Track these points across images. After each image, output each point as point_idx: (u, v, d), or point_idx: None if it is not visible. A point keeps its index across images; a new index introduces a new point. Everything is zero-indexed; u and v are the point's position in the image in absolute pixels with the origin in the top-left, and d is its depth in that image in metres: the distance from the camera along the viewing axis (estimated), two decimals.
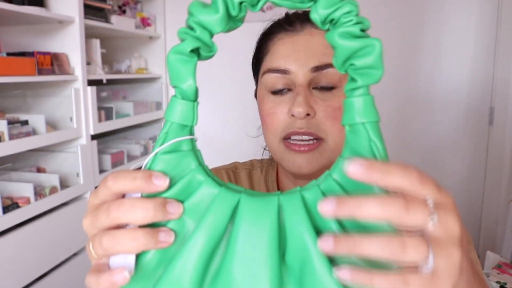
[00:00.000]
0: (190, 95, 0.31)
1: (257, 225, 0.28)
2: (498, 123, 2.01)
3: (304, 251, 0.27)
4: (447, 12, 2.02)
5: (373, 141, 0.28)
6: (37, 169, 1.66)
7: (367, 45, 0.28)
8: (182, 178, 0.30)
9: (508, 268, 1.40)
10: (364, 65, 0.28)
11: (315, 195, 0.28)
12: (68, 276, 1.60)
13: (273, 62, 0.54)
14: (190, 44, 0.30)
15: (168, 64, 0.30)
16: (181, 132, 0.31)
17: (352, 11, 0.29)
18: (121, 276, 0.28)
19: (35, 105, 1.64)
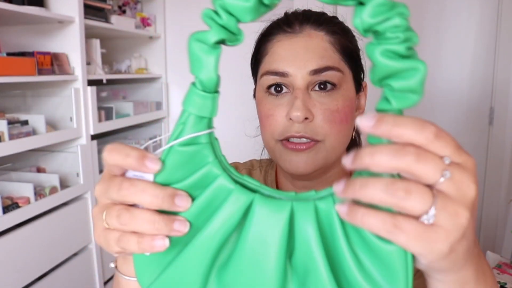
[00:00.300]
0: (211, 87, 0.29)
1: (268, 226, 0.28)
2: (498, 123, 2.01)
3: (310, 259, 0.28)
4: (447, 12, 2.02)
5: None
6: (37, 169, 1.66)
7: (411, 68, 0.26)
8: (198, 170, 0.30)
9: (508, 268, 1.40)
10: (403, 88, 0.26)
11: (328, 206, 0.28)
12: (68, 276, 1.60)
13: (271, 64, 0.54)
14: (216, 35, 0.28)
15: (189, 50, 0.29)
16: (199, 123, 0.30)
17: (402, 25, 0.25)
18: (161, 242, 0.29)
19: (35, 105, 1.64)
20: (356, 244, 0.28)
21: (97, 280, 1.77)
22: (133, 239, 0.29)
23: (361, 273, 0.28)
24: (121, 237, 0.29)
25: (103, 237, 0.30)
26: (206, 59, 0.28)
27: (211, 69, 0.28)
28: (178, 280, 0.30)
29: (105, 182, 0.30)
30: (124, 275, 0.38)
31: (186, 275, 0.30)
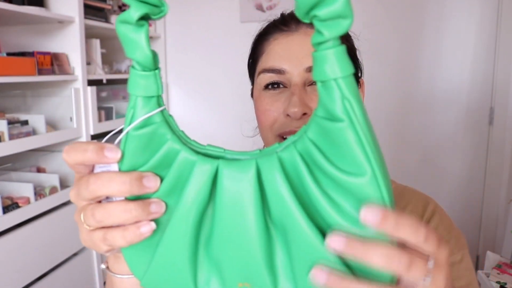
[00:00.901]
0: (149, 64, 0.28)
1: (238, 189, 0.28)
2: (498, 123, 2.01)
3: (286, 210, 0.28)
4: (448, 12, 2.02)
5: (346, 99, 0.25)
6: (37, 169, 1.66)
7: None
8: (158, 150, 0.30)
9: (508, 268, 1.40)
10: (331, 15, 0.24)
11: (291, 156, 0.28)
12: (68, 276, 1.60)
13: (268, 62, 0.55)
14: (136, 11, 0.26)
15: (118, 34, 0.28)
16: (148, 104, 0.29)
17: None
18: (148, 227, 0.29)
19: (35, 105, 1.64)
20: (326, 186, 0.28)
21: (97, 280, 1.77)
22: (118, 234, 0.29)
23: (338, 213, 0.27)
24: (105, 235, 0.29)
25: (88, 239, 0.30)
26: (136, 38, 0.27)
27: (144, 46, 0.27)
28: (168, 262, 0.30)
29: (75, 184, 0.30)
30: (117, 274, 0.38)
31: (175, 256, 0.30)
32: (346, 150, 0.26)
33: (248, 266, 0.30)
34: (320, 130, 0.27)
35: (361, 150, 0.26)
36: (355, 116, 0.25)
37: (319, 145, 0.27)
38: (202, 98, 2.33)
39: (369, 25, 2.07)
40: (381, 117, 2.11)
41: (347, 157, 0.26)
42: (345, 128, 0.25)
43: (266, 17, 0.61)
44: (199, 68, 2.29)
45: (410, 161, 2.14)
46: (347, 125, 0.25)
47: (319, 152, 0.27)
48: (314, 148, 0.27)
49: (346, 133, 0.26)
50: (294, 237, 0.28)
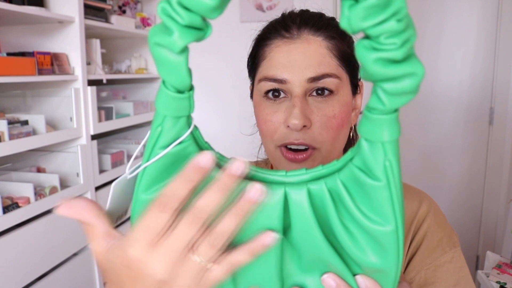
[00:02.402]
0: (185, 88, 0.27)
1: (264, 212, 0.29)
2: (498, 123, 2.01)
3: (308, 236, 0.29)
4: (447, 12, 2.02)
5: (388, 160, 0.27)
6: (37, 169, 1.66)
7: (408, 73, 0.23)
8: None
9: (508, 268, 1.40)
10: (398, 92, 0.24)
11: (320, 190, 0.29)
12: (68, 276, 1.60)
13: (269, 71, 0.54)
14: (182, 40, 0.24)
15: (153, 55, 0.25)
16: (177, 123, 0.28)
17: (399, 30, 0.22)
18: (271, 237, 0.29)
19: (35, 105, 1.64)
20: (349, 222, 0.29)
21: (97, 280, 1.77)
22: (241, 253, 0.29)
23: (355, 246, 0.29)
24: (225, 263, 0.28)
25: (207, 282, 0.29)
26: (176, 64, 0.25)
27: (184, 73, 0.26)
28: None
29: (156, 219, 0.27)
30: None
31: None
32: (376, 203, 0.28)
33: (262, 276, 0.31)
34: (353, 178, 0.28)
35: (391, 207, 0.27)
36: (393, 178, 0.27)
37: (349, 189, 0.29)
38: (202, 98, 2.33)
39: None
40: None
41: (376, 208, 0.28)
42: (381, 187, 0.27)
43: (266, 17, 0.61)
44: (199, 68, 2.29)
45: (410, 161, 2.14)
46: (384, 185, 0.27)
47: (349, 195, 0.28)
48: (344, 190, 0.29)
49: (381, 191, 0.27)
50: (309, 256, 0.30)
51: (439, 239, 0.56)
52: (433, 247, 0.56)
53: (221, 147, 1.53)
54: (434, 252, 0.56)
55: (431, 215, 0.58)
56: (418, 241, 0.57)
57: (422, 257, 0.56)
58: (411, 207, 0.59)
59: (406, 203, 0.59)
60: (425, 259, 0.55)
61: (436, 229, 0.57)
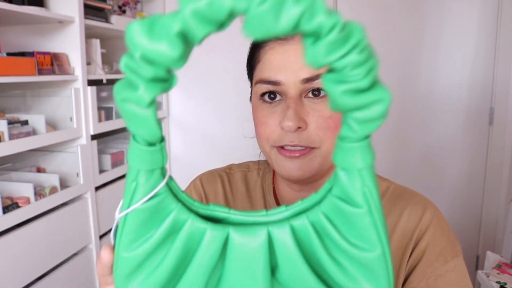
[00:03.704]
0: (156, 140, 0.27)
1: (249, 255, 0.29)
2: (498, 123, 2.01)
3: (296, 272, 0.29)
4: (448, 12, 2.02)
5: (367, 186, 0.27)
6: (37, 169, 1.66)
7: (375, 100, 0.24)
8: (164, 220, 0.29)
9: (508, 268, 1.40)
10: (367, 119, 0.25)
11: (303, 225, 0.29)
12: (68, 276, 1.60)
13: (264, 73, 0.54)
14: (147, 93, 0.24)
15: (121, 110, 0.25)
16: (152, 176, 0.28)
17: (361, 60, 0.23)
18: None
19: (35, 105, 1.64)
20: (336, 254, 0.29)
21: (97, 280, 1.77)
22: None
23: (346, 278, 0.29)
24: None
25: None
26: (144, 117, 0.25)
27: (152, 124, 0.25)
28: None
29: None
30: None
31: None
32: (360, 230, 0.28)
33: None
34: (335, 208, 0.29)
35: (375, 232, 0.28)
36: (373, 203, 0.27)
37: (332, 220, 0.29)
38: (202, 98, 2.33)
39: (369, 25, 2.07)
40: None
41: (361, 235, 0.28)
42: (363, 214, 0.27)
43: None
44: (199, 68, 2.29)
45: (410, 161, 2.14)
46: (366, 211, 0.27)
47: (332, 226, 0.29)
48: (327, 222, 0.29)
49: (364, 218, 0.27)
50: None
51: (442, 248, 0.56)
52: (435, 256, 0.55)
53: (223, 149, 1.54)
54: (436, 261, 0.55)
55: (435, 224, 0.57)
56: (420, 250, 0.56)
57: (424, 267, 0.55)
58: (415, 214, 0.58)
59: (409, 210, 0.58)
60: (426, 269, 0.55)
61: (439, 238, 0.56)
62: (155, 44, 0.22)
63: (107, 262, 0.32)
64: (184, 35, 0.22)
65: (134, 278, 0.30)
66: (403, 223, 0.57)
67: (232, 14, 0.22)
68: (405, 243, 0.56)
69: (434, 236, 0.56)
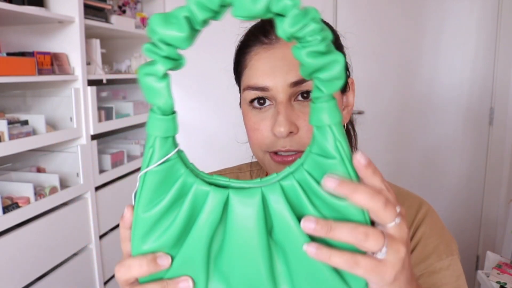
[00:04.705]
0: (169, 110, 0.33)
1: (246, 213, 0.34)
2: (498, 123, 2.01)
3: (287, 229, 0.33)
4: (448, 12, 2.02)
5: (338, 140, 0.33)
6: (37, 169, 1.66)
7: (332, 61, 0.31)
8: (175, 183, 0.34)
9: (508, 268, 1.40)
10: (329, 78, 0.31)
11: (291, 184, 0.34)
12: (68, 276, 1.60)
13: (251, 79, 0.54)
14: (162, 66, 0.31)
15: (141, 85, 0.32)
16: (166, 143, 0.34)
17: (317, 28, 0.30)
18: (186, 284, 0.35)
19: (35, 105, 1.64)
20: (320, 206, 0.33)
21: (97, 280, 1.77)
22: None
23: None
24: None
25: None
26: (160, 87, 0.32)
27: (166, 95, 0.32)
28: (183, 274, 0.36)
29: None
30: None
31: (189, 269, 0.35)
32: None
33: (253, 278, 0.35)
34: (315, 164, 0.34)
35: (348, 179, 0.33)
36: (344, 154, 0.33)
37: (314, 175, 0.34)
38: (202, 99, 2.33)
39: (369, 25, 2.07)
40: (381, 117, 2.11)
41: None
42: (336, 163, 0.32)
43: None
44: (199, 68, 2.29)
45: (410, 161, 2.14)
46: (339, 161, 0.32)
47: (315, 181, 0.33)
48: (310, 178, 0.33)
49: (337, 167, 0.32)
50: (293, 251, 0.34)
51: (435, 246, 0.56)
52: (428, 253, 0.55)
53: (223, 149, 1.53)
54: (428, 258, 0.55)
55: (427, 221, 0.57)
56: (411, 246, 0.56)
57: (414, 263, 0.55)
58: (410, 214, 0.58)
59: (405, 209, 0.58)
60: (418, 264, 0.55)
61: (432, 236, 0.56)
62: (168, 29, 0.30)
63: (127, 220, 0.35)
64: (189, 19, 0.30)
65: (149, 237, 0.35)
66: None
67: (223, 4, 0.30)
68: None
69: (426, 232, 0.57)
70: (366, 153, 0.34)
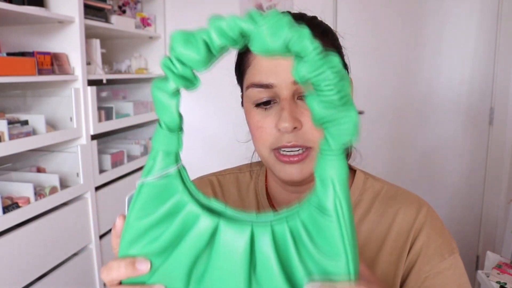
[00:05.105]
0: (175, 127, 0.33)
1: (233, 247, 0.33)
2: (498, 123, 2.01)
3: (270, 272, 0.33)
4: (447, 12, 2.02)
5: (338, 198, 0.31)
6: (37, 169, 1.66)
7: (344, 116, 0.29)
8: (169, 199, 0.34)
9: (508, 268, 1.40)
10: (339, 133, 0.30)
11: (282, 230, 0.33)
12: (68, 276, 1.60)
13: (255, 77, 0.54)
14: (174, 84, 0.31)
15: (153, 97, 0.32)
16: (168, 158, 0.34)
17: (334, 78, 0.28)
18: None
19: (35, 105, 1.64)
20: (307, 260, 0.33)
21: (97, 280, 1.77)
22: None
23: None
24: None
25: None
26: (168, 104, 0.32)
27: (174, 112, 0.32)
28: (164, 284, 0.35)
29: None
30: None
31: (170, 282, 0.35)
32: (329, 238, 0.31)
33: None
34: (311, 216, 0.32)
35: (341, 242, 0.31)
36: (342, 214, 0.31)
37: (308, 227, 0.33)
38: (202, 100, 2.33)
39: (369, 25, 2.07)
40: (381, 117, 2.11)
41: (328, 243, 0.32)
42: (332, 223, 0.31)
43: None
44: None
45: (410, 161, 2.14)
46: (335, 221, 0.31)
47: (307, 234, 0.32)
48: (302, 229, 0.33)
49: (332, 227, 0.31)
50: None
51: (437, 246, 0.56)
52: (432, 254, 0.56)
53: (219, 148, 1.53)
54: (432, 259, 0.55)
55: (429, 223, 0.58)
56: (416, 251, 0.56)
57: (420, 266, 0.55)
58: (409, 214, 0.58)
59: (404, 211, 0.59)
60: (423, 267, 0.55)
61: (434, 237, 0.57)
62: (185, 49, 0.30)
63: (119, 229, 0.36)
64: (207, 44, 0.30)
65: (137, 243, 0.35)
66: (398, 224, 0.58)
67: (243, 35, 0.29)
68: (401, 243, 0.57)
69: (429, 235, 0.57)
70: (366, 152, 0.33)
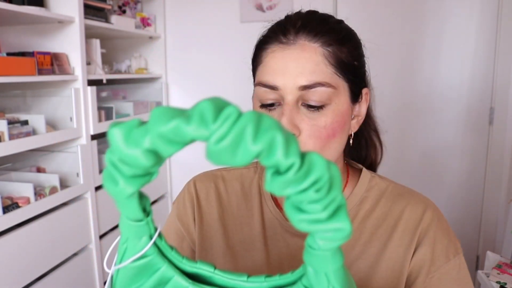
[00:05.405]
0: (139, 218, 0.31)
1: None
2: (498, 123, 2.01)
3: None
4: (447, 12, 2.02)
5: (332, 286, 0.28)
6: (37, 169, 1.66)
7: (335, 230, 0.25)
8: (152, 275, 0.33)
9: (508, 268, 1.40)
10: (328, 240, 0.26)
11: None
12: (68, 276, 1.60)
13: (263, 76, 0.55)
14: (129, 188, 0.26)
15: (110, 194, 0.28)
16: (138, 242, 0.31)
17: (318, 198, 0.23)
18: None
19: (35, 105, 1.64)
20: None
21: (97, 280, 1.77)
22: None
23: None
24: None
25: None
26: (127, 203, 0.29)
27: (135, 209, 0.29)
28: None
29: None
30: None
31: None
32: None
33: None
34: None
35: None
36: None
37: None
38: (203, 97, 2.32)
39: (369, 25, 2.07)
40: (381, 117, 2.11)
41: None
42: None
43: (266, 17, 0.61)
44: (199, 68, 2.29)
45: (410, 161, 2.14)
46: None
47: None
48: None
49: None
50: None
51: (443, 247, 0.57)
52: (437, 255, 0.56)
53: None
54: (438, 260, 0.56)
55: (436, 223, 0.58)
56: (424, 252, 0.57)
57: (427, 268, 0.56)
58: (416, 213, 0.59)
59: (410, 209, 0.59)
60: (430, 268, 0.56)
61: (441, 237, 0.57)
62: (130, 150, 0.24)
63: None
64: (154, 150, 0.24)
65: None
66: (404, 221, 0.58)
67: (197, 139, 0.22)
68: (407, 241, 0.57)
69: (435, 237, 0.57)
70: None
